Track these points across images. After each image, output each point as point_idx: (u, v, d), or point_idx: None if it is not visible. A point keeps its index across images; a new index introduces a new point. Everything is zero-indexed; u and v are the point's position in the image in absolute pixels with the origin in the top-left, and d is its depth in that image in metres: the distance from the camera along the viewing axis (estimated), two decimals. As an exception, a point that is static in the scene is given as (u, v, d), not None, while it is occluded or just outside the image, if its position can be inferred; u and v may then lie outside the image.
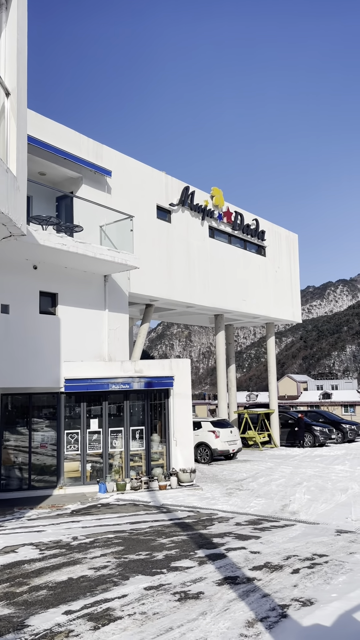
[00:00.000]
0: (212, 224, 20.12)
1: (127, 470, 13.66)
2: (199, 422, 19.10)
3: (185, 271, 18.48)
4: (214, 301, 19.96)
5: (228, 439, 18.78)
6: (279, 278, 24.45)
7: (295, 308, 25.69)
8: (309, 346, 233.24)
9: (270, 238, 23.86)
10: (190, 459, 14.00)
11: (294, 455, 20.46)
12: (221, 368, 22.20)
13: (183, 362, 14.44)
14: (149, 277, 16.79)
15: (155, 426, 14.00)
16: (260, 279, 23.04)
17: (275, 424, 24.56)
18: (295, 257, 25.89)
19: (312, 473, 15.65)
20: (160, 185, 17.70)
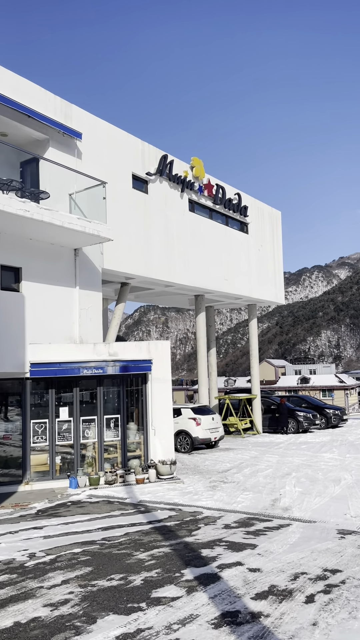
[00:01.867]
0: (193, 197, 19.06)
1: (101, 462, 12.55)
2: (179, 409, 18.28)
3: (163, 247, 17.41)
4: (195, 280, 18.96)
5: (210, 426, 18.01)
6: (262, 257, 23.63)
7: (278, 289, 24.94)
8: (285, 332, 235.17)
9: (253, 214, 22.98)
10: (170, 450, 13.03)
11: (278, 443, 19.73)
12: (202, 352, 21.35)
13: (162, 345, 13.37)
14: (124, 252, 15.62)
15: (132, 414, 13.03)
16: (243, 258, 22.16)
17: (257, 410, 23.90)
18: (279, 235, 25.12)
19: (300, 462, 14.87)
20: (136, 153, 16.48)
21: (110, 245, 14.88)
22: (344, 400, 66.32)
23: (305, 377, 74.97)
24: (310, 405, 26.07)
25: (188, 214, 18.75)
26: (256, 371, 25.02)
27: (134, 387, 13.07)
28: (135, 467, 12.57)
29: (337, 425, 25.79)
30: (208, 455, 16.93)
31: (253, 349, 25.06)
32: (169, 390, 13.18)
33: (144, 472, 12.60)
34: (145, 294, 21.15)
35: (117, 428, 12.68)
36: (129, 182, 16.10)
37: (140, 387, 13.11)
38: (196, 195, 19.19)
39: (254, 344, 25.06)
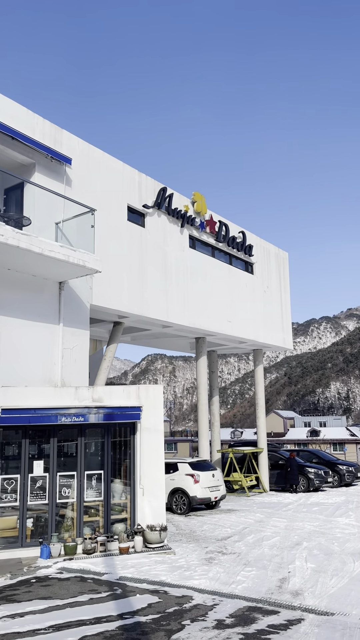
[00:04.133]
0: (193, 233, 18.50)
1: (80, 526, 11.05)
2: (175, 464, 17.10)
3: (161, 284, 16.65)
4: (195, 321, 18.11)
5: (210, 484, 16.76)
6: (268, 299, 22.96)
7: (286, 333, 24.13)
8: (294, 382, 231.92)
9: (258, 254, 22.44)
10: (161, 513, 11.56)
11: (287, 503, 18.26)
12: (202, 399, 20.08)
13: (154, 389, 12.16)
14: (116, 288, 14.73)
15: (118, 470, 11.72)
16: (248, 299, 21.48)
17: (263, 465, 22.59)
18: (286, 277, 24.53)
19: (312, 528, 13.32)
20: (132, 184, 15.88)
21: (102, 280, 13.98)
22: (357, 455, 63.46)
23: (315, 429, 72.46)
24: (322, 460, 24.66)
25: (188, 251, 18.15)
26: (263, 422, 23.83)
27: (121, 438, 11.83)
28: (119, 533, 11.07)
29: (351, 483, 24.21)
30: (207, 517, 15.51)
31: (259, 398, 23.94)
32: (160, 442, 11.88)
33: (129, 539, 11.04)
34: (141, 336, 20.34)
35: (100, 486, 11.33)
36: (124, 214, 15.43)
37: (127, 438, 11.84)
38: (197, 231, 18.67)
39: (259, 392, 23.97)
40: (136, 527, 11.07)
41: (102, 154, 14.80)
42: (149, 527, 11.05)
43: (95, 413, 11.25)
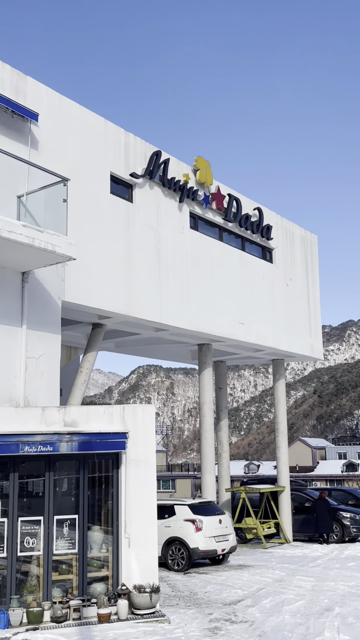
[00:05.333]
0: (196, 210, 18.69)
1: (48, 587, 11.09)
2: (171, 507, 17.25)
3: (154, 276, 16.82)
4: (197, 322, 18.24)
5: (216, 532, 16.86)
6: (292, 294, 23.16)
7: (316, 339, 24.35)
8: (325, 402, 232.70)
9: (279, 237, 22.61)
10: (152, 569, 11.62)
11: (315, 557, 18.32)
12: (207, 423, 20.20)
13: (144, 411, 12.28)
14: (96, 280, 14.88)
15: (98, 514, 11.86)
16: (266, 294, 21.68)
17: (285, 508, 22.74)
18: (315, 266, 24.79)
19: (347, 589, 13.36)
20: (117, 147, 16.07)
21: (77, 271, 14.07)
22: None
23: (352, 462, 72.49)
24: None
25: (189, 233, 18.34)
26: (285, 453, 23.97)
27: (101, 473, 11.97)
28: (98, 595, 11.12)
29: None
30: (212, 575, 15.57)
31: (280, 422, 24.12)
32: (152, 479, 11.98)
33: (111, 603, 11.12)
34: (129, 342, 20.54)
35: (74, 534, 11.42)
36: (106, 185, 15.59)
37: (110, 474, 11.98)
38: (201, 207, 18.85)
39: (281, 415, 24.13)
40: (120, 588, 11.09)
41: (78, 108, 14.90)
42: (137, 587, 11.06)
43: (68, 441, 11.29)
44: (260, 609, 11.62)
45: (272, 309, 21.88)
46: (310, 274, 24.41)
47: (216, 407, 24.45)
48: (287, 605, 11.83)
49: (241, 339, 20.13)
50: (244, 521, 21.89)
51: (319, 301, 24.77)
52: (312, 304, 24.25)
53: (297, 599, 12.35)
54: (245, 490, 22.30)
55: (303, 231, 24.25)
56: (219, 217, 19.54)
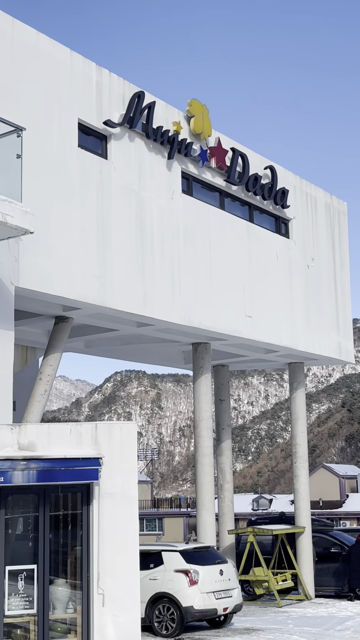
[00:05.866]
0: (189, 169, 18.80)
1: None
2: (159, 553, 17.36)
3: (135, 254, 17.00)
4: (191, 315, 18.39)
5: (215, 586, 16.97)
6: (315, 279, 23.40)
7: (345, 337, 24.57)
8: (357, 419, 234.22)
9: (298, 204, 22.79)
10: (134, 634, 11.82)
11: (343, 619, 18.49)
12: (205, 445, 20.33)
13: (123, 430, 12.44)
14: (60, 260, 15.05)
15: (63, 563, 12.13)
16: (280, 279, 21.88)
17: (306, 555, 22.91)
18: (344, 242, 25.03)
19: None
20: (87, 86, 16.21)
21: (35, 248, 14.18)
22: None
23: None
24: None
25: (181, 199, 18.45)
26: (304, 484, 24.14)
27: (67, 510, 12.21)
28: None
29: None
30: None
31: (299, 444, 24.29)
32: (133, 517, 12.19)
33: None
34: (103, 341, 20.69)
35: (32, 590, 11.59)
36: (73, 136, 15.75)
37: (78, 511, 12.17)
38: (196, 166, 18.94)
39: (300, 435, 24.32)
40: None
41: (36, 36, 15.01)
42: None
43: (24, 469, 11.42)
44: None
45: (288, 298, 21.89)
46: (338, 253, 24.46)
47: (216, 424, 24.56)
48: None
49: (248, 337, 20.22)
50: (252, 572, 21.97)
51: (348, 287, 24.77)
52: (340, 292, 24.31)
53: (320, 673, 12.48)
54: (254, 532, 22.33)
55: (329, 197, 24.31)
56: (220, 179, 19.55)
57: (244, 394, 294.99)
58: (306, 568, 22.74)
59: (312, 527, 23.82)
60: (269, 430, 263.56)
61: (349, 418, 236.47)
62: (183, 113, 18.57)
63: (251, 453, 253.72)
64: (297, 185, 22.68)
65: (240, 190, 20.26)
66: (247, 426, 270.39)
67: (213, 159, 19.14)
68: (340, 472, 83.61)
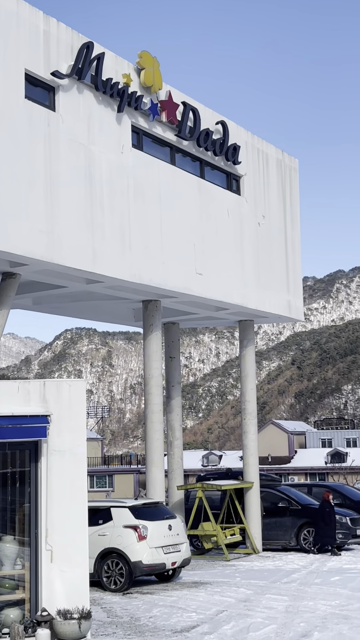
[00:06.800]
0: (140, 123, 18.75)
1: None
2: (107, 510, 17.53)
3: (84, 209, 16.94)
4: (142, 272, 18.46)
5: (164, 541, 17.21)
6: (266, 237, 23.49)
7: (295, 295, 24.83)
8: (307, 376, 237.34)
9: (249, 161, 22.78)
10: (82, 590, 11.88)
11: (289, 571, 18.84)
12: (155, 402, 20.48)
13: (72, 387, 12.43)
14: (6, 214, 14.99)
15: (11, 520, 12.17)
16: (231, 236, 21.94)
17: (254, 510, 23.30)
18: (295, 200, 25.11)
19: (328, 610, 13.84)
20: (34, 35, 16.03)
21: None
22: None
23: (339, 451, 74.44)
24: (349, 501, 25.77)
25: (131, 153, 18.37)
26: (253, 440, 24.42)
27: (14, 467, 12.17)
28: (11, 624, 11.20)
29: None
30: (159, 596, 15.94)
31: (248, 401, 24.55)
32: (82, 474, 12.23)
33: (29, 633, 11.21)
34: (52, 298, 20.64)
35: None
36: (20, 88, 15.55)
37: (26, 468, 12.16)
38: (146, 120, 18.89)
39: (249, 392, 24.55)
40: (40, 615, 11.24)
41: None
42: (62, 613, 11.24)
43: (-33, 426, 11.37)
44: (219, 636, 11.84)
45: (239, 256, 21.96)
46: (289, 211, 24.55)
47: (166, 382, 24.67)
48: (254, 632, 12.08)
49: (199, 294, 20.27)
50: (200, 527, 22.25)
51: (299, 245, 24.93)
52: (290, 249, 24.45)
53: (267, 623, 12.63)
54: (203, 487, 22.61)
55: (280, 153, 24.31)
56: (171, 133, 19.48)
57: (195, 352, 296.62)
58: (254, 522, 23.15)
59: (260, 483, 24.18)
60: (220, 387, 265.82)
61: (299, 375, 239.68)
62: (133, 65, 18.41)
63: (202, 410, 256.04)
64: (248, 142, 22.64)
65: (191, 145, 20.19)
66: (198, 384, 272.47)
67: (164, 112, 19.08)
68: (289, 429, 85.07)
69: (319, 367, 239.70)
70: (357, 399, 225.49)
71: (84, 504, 12.23)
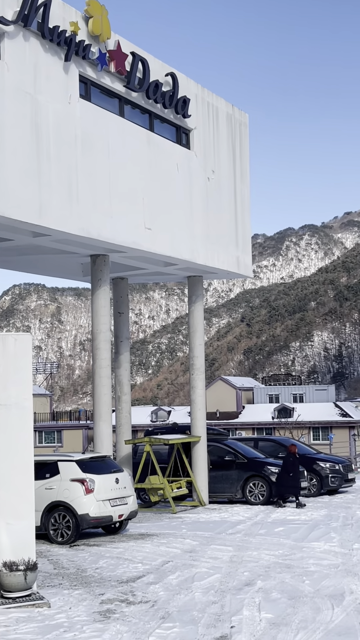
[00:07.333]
0: (87, 73, 18.47)
1: None
2: (54, 463, 17.53)
3: (29, 161, 16.67)
4: (89, 226, 18.28)
5: (111, 494, 17.30)
6: (215, 192, 23.42)
7: (244, 251, 24.85)
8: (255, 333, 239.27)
9: (199, 114, 22.61)
10: (28, 541, 11.91)
11: (235, 523, 19.15)
12: (103, 357, 20.46)
13: (16, 341, 12.31)
14: None
15: None
16: (181, 191, 21.83)
17: (201, 464, 23.51)
18: (245, 155, 24.96)
19: (272, 560, 14.11)
20: None
21: None
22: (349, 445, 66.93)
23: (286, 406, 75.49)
24: None
25: (79, 104, 18.14)
26: (201, 395, 24.59)
27: None
28: None
29: (337, 489, 25.87)
30: (106, 548, 16.05)
31: (196, 357, 24.63)
32: (28, 428, 12.16)
33: None
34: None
35: None
36: None
37: None
38: (94, 70, 18.61)
39: (197, 347, 24.64)
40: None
41: None
42: (7, 565, 11.23)
43: None
44: (164, 586, 12.04)
45: (188, 211, 21.88)
46: (239, 166, 24.47)
47: (114, 337, 24.67)
48: (199, 581, 12.31)
49: (147, 249, 20.19)
50: (147, 480, 22.39)
51: (248, 201, 24.88)
52: (239, 205, 24.41)
53: (211, 573, 12.86)
54: (150, 441, 22.74)
55: (230, 107, 24.16)
56: (120, 84, 19.27)
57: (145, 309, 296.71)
58: (201, 476, 23.34)
59: (208, 437, 24.36)
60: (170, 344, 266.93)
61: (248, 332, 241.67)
62: (81, 13, 18.08)
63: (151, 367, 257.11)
64: (198, 95, 22.45)
65: (140, 97, 19.99)
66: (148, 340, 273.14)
67: (112, 62, 18.81)
68: (237, 385, 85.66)
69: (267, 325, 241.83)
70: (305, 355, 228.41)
71: (30, 458, 12.18)
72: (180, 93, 21.38)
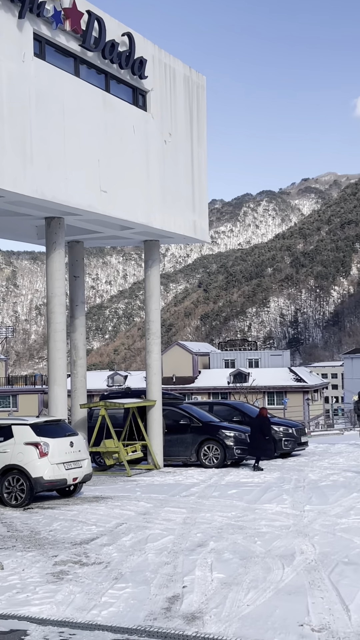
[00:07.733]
0: (42, 31, 18.20)
1: None
2: (8, 427, 17.55)
3: None
4: (44, 188, 18.10)
5: (66, 457, 17.37)
6: (172, 154, 23.32)
7: (200, 216, 24.79)
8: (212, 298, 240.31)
9: (156, 75, 22.47)
10: None
11: (188, 485, 19.37)
12: (58, 321, 20.38)
13: None
14: None
15: None
16: (137, 154, 21.69)
17: (156, 427, 23.72)
18: (202, 118, 24.89)
19: (224, 521, 14.35)
20: None
21: None
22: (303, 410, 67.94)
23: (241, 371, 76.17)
24: (249, 419, 25.81)
25: (33, 62, 17.84)
26: (156, 360, 24.66)
27: None
28: None
29: (290, 452, 26.17)
30: (60, 510, 16.15)
31: (152, 321, 24.62)
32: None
33: None
34: None
35: None
36: None
37: None
38: (49, 28, 18.38)
39: (153, 312, 24.63)
40: None
41: None
42: None
43: None
44: (118, 547, 12.15)
45: (144, 174, 21.79)
46: (196, 129, 24.37)
47: (70, 301, 24.54)
48: (152, 542, 12.46)
49: (103, 212, 20.09)
50: (102, 444, 22.51)
51: (205, 165, 24.80)
52: (196, 169, 24.33)
53: (165, 535, 13.03)
54: (106, 405, 22.82)
55: (188, 70, 24.04)
56: (75, 44, 19.04)
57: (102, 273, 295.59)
58: (156, 439, 23.53)
59: (163, 401, 24.52)
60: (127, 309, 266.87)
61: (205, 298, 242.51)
62: (35, -33, 17.70)
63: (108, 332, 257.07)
64: (155, 56, 22.27)
65: (96, 57, 19.76)
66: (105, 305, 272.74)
67: (67, 21, 18.52)
68: (193, 350, 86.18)
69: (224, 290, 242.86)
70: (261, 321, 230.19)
71: (-17, 421, 12.19)
72: (137, 54, 21.20)
